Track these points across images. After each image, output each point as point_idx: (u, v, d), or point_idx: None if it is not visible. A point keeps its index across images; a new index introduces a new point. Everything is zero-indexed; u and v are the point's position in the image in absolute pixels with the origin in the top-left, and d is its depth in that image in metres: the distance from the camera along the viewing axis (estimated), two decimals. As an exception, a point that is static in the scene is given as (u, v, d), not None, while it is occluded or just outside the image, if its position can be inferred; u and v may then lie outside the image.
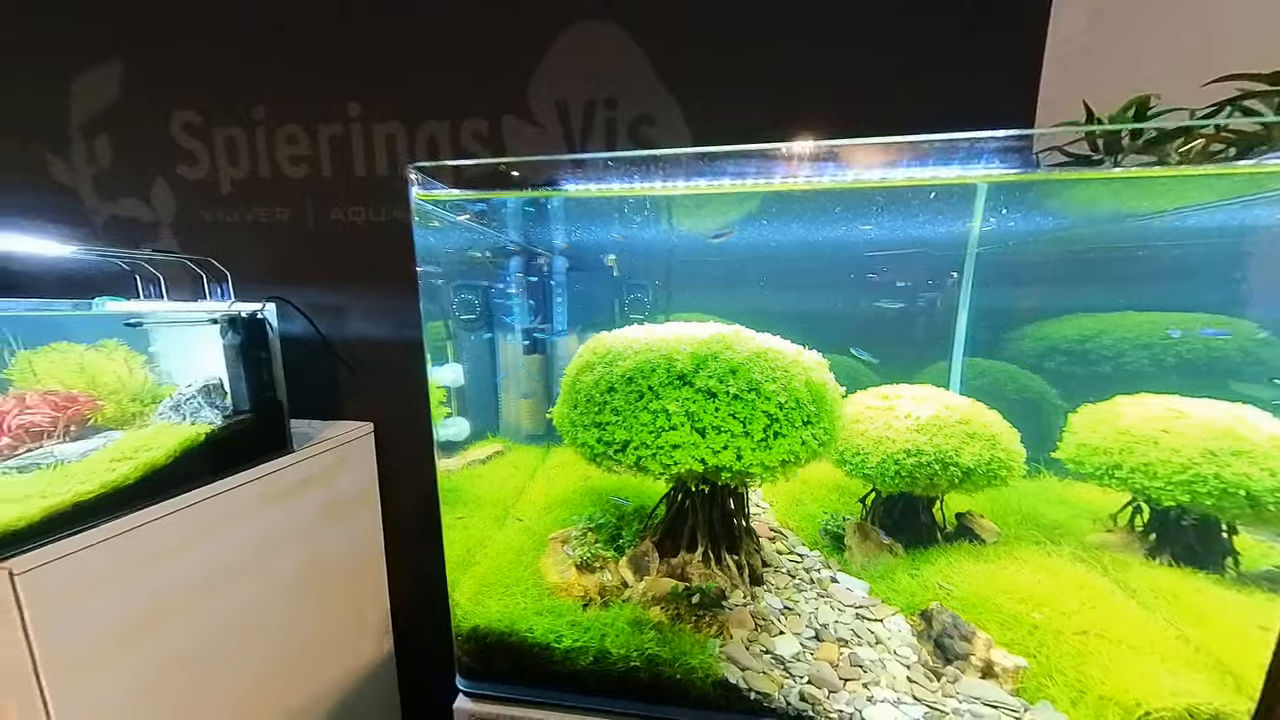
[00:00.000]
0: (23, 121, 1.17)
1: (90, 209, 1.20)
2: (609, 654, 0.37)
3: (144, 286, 1.00)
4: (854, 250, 0.58)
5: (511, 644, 0.38)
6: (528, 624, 0.38)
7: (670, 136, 1.04)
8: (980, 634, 0.38)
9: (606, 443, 0.38)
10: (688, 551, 0.44)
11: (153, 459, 0.74)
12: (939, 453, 0.44)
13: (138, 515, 0.71)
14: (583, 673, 0.37)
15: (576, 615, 0.39)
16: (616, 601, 0.41)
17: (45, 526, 0.62)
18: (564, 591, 0.40)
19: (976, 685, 0.37)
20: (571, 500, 0.51)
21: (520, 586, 0.41)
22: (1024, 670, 0.37)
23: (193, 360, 0.90)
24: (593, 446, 0.39)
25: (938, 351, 0.60)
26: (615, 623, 0.38)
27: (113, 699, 0.65)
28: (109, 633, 0.66)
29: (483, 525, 0.47)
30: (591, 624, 0.38)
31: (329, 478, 1.04)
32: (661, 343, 0.38)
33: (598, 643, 0.37)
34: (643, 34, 1.02)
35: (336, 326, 1.19)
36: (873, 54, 0.88)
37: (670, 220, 0.50)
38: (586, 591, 0.41)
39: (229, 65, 1.14)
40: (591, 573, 0.42)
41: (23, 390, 0.72)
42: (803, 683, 0.37)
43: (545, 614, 0.38)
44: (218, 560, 0.82)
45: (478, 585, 0.41)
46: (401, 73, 1.11)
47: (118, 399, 0.80)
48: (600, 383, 0.39)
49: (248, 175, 1.16)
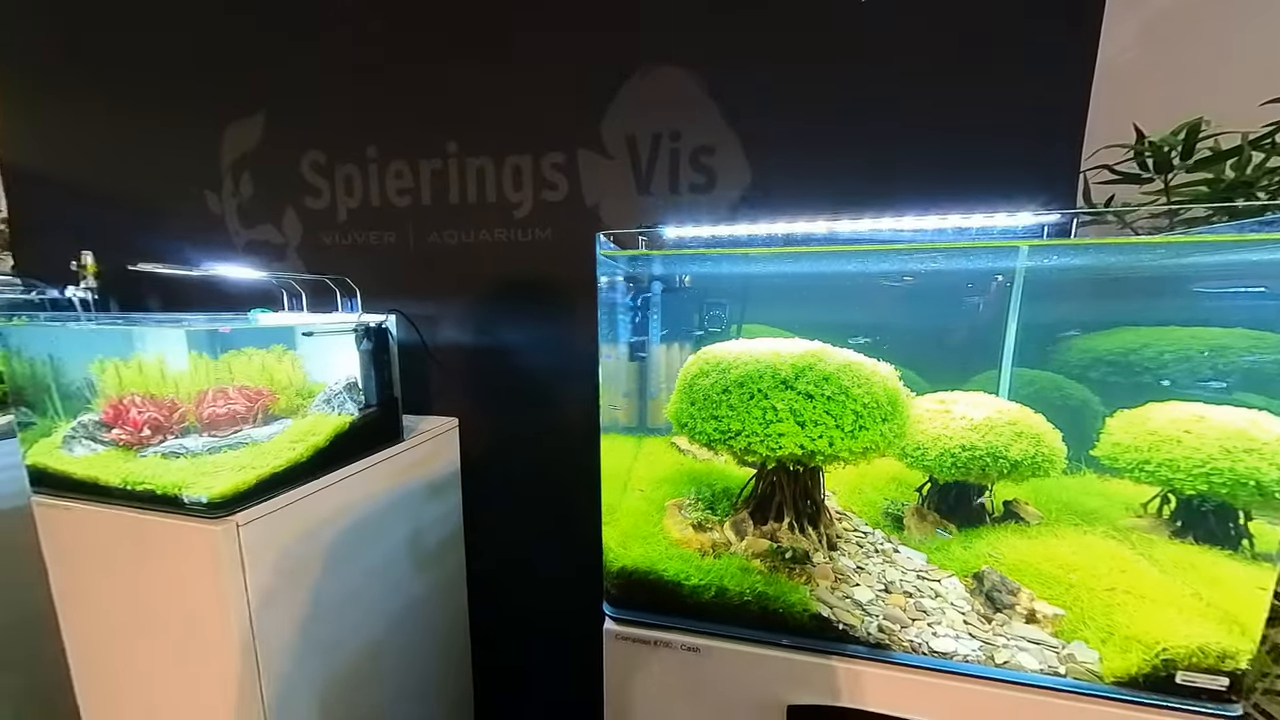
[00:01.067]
0: (187, 164, 1.41)
1: (234, 234, 1.44)
2: (727, 590, 0.49)
3: (288, 300, 1.20)
4: (905, 272, 0.68)
5: (650, 580, 0.51)
6: (663, 565, 0.51)
7: (728, 164, 1.17)
8: (1024, 590, 0.48)
9: (722, 431, 0.50)
10: (776, 521, 0.56)
11: (316, 442, 0.92)
12: (990, 448, 0.54)
13: (309, 486, 0.89)
14: (706, 604, 0.49)
15: (698, 562, 0.51)
16: (725, 554, 0.53)
17: (255, 491, 0.81)
18: (685, 544, 0.53)
19: (1021, 628, 0.47)
20: (672, 478, 0.64)
21: (653, 539, 0.54)
22: (1061, 618, 0.46)
23: (327, 362, 1.09)
24: (710, 434, 0.51)
25: (987, 362, 0.70)
26: (728, 569, 0.50)
27: (287, 628, 0.84)
28: (287, 576, 0.85)
29: (613, 494, 0.61)
30: (710, 568, 0.50)
31: (427, 463, 1.22)
32: (769, 354, 0.50)
33: (718, 581, 0.49)
34: (704, 73, 1.16)
35: (429, 333, 1.38)
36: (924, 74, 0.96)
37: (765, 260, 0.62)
38: (701, 545, 0.53)
39: (350, 114, 1.35)
40: (704, 532, 0.55)
41: (225, 386, 0.91)
42: (879, 619, 0.48)
43: (674, 559, 0.51)
44: (353, 527, 1.00)
45: (621, 536, 0.54)
46: (491, 114, 1.29)
47: (287, 394, 0.99)
48: (716, 385, 0.51)
49: (360, 204, 1.37)
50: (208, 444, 0.79)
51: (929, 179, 0.97)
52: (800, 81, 1.05)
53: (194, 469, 0.77)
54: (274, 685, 0.79)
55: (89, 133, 1.47)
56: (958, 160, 0.96)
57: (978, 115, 0.96)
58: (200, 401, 0.78)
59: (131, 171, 1.46)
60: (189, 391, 0.77)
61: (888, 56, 0.99)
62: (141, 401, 0.79)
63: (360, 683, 0.99)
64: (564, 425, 1.32)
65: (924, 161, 0.98)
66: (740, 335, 0.71)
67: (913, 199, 0.99)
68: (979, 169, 0.95)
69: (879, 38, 0.99)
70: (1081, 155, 0.93)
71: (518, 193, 1.27)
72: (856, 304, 0.69)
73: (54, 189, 1.51)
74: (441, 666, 1.26)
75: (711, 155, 1.16)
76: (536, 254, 1.27)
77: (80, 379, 0.81)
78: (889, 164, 1.01)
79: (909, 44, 0.98)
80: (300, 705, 0.86)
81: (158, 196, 1.45)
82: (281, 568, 0.80)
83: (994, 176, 0.94)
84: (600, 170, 1.22)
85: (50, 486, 0.82)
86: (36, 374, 0.82)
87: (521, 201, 1.27)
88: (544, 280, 1.29)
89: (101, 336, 0.84)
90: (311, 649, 0.86)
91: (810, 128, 1.06)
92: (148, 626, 0.79)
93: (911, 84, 0.98)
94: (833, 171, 1.06)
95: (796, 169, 1.09)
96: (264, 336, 1.00)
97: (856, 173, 1.04)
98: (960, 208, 0.55)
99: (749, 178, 1.15)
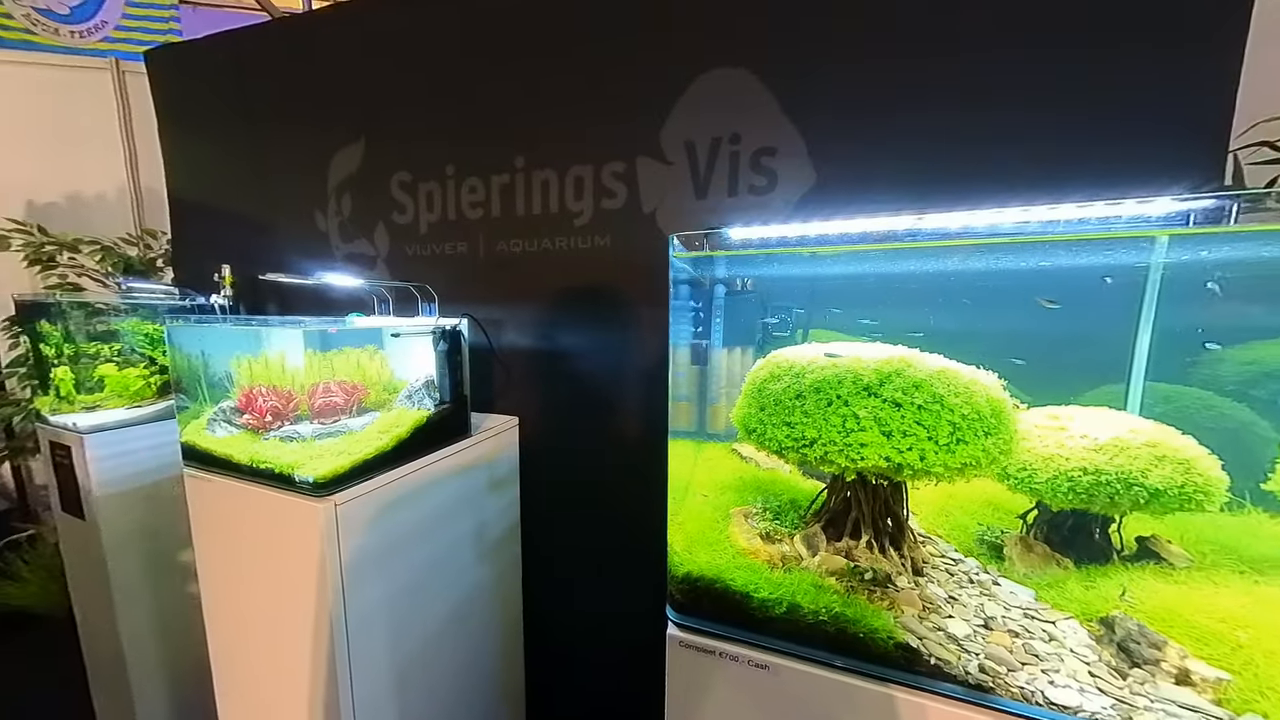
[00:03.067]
0: (301, 189, 1.63)
1: (335, 248, 1.64)
2: (799, 607, 0.46)
3: (378, 305, 1.35)
4: (1005, 269, 0.61)
5: (716, 590, 0.49)
6: (730, 575, 0.49)
7: (791, 164, 1.13)
8: (1171, 644, 0.40)
9: (795, 438, 0.48)
10: (851, 539, 0.52)
11: (399, 433, 1.01)
12: (1122, 473, 0.46)
13: (392, 473, 0.98)
14: (775, 619, 0.47)
15: (767, 574, 0.49)
16: (795, 568, 0.50)
17: (350, 474, 0.89)
18: (752, 554, 0.51)
19: (1170, 690, 0.39)
20: (735, 485, 0.62)
21: (719, 546, 0.53)
22: (1226, 683, 0.38)
23: (407, 361, 1.19)
24: (782, 441, 0.49)
25: (1106, 374, 0.60)
26: (801, 585, 0.47)
27: (370, 602, 0.92)
28: (370, 554, 0.93)
29: (677, 497, 0.60)
30: (781, 582, 0.48)
31: (490, 459, 1.29)
32: (848, 359, 0.47)
33: (790, 597, 0.47)
34: (767, 73, 1.13)
35: (493, 336, 1.47)
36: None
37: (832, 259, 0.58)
38: (770, 557, 0.51)
39: (433, 137, 1.48)
40: (773, 543, 0.52)
41: (327, 381, 1.03)
42: (979, 657, 0.43)
43: (742, 569, 0.49)
44: (425, 515, 1.08)
45: (686, 541, 0.54)
46: (556, 130, 1.36)
47: (376, 389, 1.10)
48: (789, 390, 0.49)
49: (439, 218, 1.49)
50: (315, 431, 0.90)
51: (1031, 167, 0.87)
52: (870, 72, 0.99)
53: (304, 451, 0.87)
54: (358, 650, 0.88)
55: (229, 166, 1.75)
56: (1068, 144, 0.85)
57: (1096, 92, 0.84)
58: (312, 393, 0.89)
59: (260, 196, 1.72)
60: (303, 384, 0.89)
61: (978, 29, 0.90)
62: (266, 391, 0.93)
63: (426, 661, 1.06)
64: (618, 428, 1.34)
65: (1024, 151, 0.88)
66: (807, 340, 0.67)
67: (1006, 190, 0.89)
68: (1094, 155, 0.83)
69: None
70: (1230, 132, 0.78)
71: (578, 202, 1.32)
72: (940, 307, 0.63)
73: (204, 213, 1.82)
74: (495, 654, 1.32)
75: (773, 156, 1.13)
76: (595, 260, 1.32)
77: (222, 371, 0.97)
78: (975, 155, 0.92)
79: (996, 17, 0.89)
80: (380, 671, 0.94)
81: (278, 217, 1.69)
82: (367, 546, 0.89)
83: (1116, 161, 0.82)
84: (658, 176, 1.24)
85: (196, 460, 0.98)
86: (191, 367, 0.99)
87: (582, 210, 1.32)
88: (601, 286, 1.32)
89: (237, 336, 1.00)
90: (387, 624, 0.94)
91: (880, 121, 1.00)
92: (263, 582, 0.92)
93: (1006, 58, 0.89)
94: (906, 167, 0.99)
95: (864, 166, 1.03)
96: (358, 337, 1.12)
97: (936, 168, 0.96)
98: (1076, 195, 0.49)
99: (813, 178, 1.11)
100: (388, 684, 0.95)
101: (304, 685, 0.91)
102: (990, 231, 0.48)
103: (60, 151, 2.18)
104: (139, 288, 1.54)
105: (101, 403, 1.30)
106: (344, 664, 0.86)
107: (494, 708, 1.33)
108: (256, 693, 0.97)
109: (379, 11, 1.47)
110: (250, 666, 0.96)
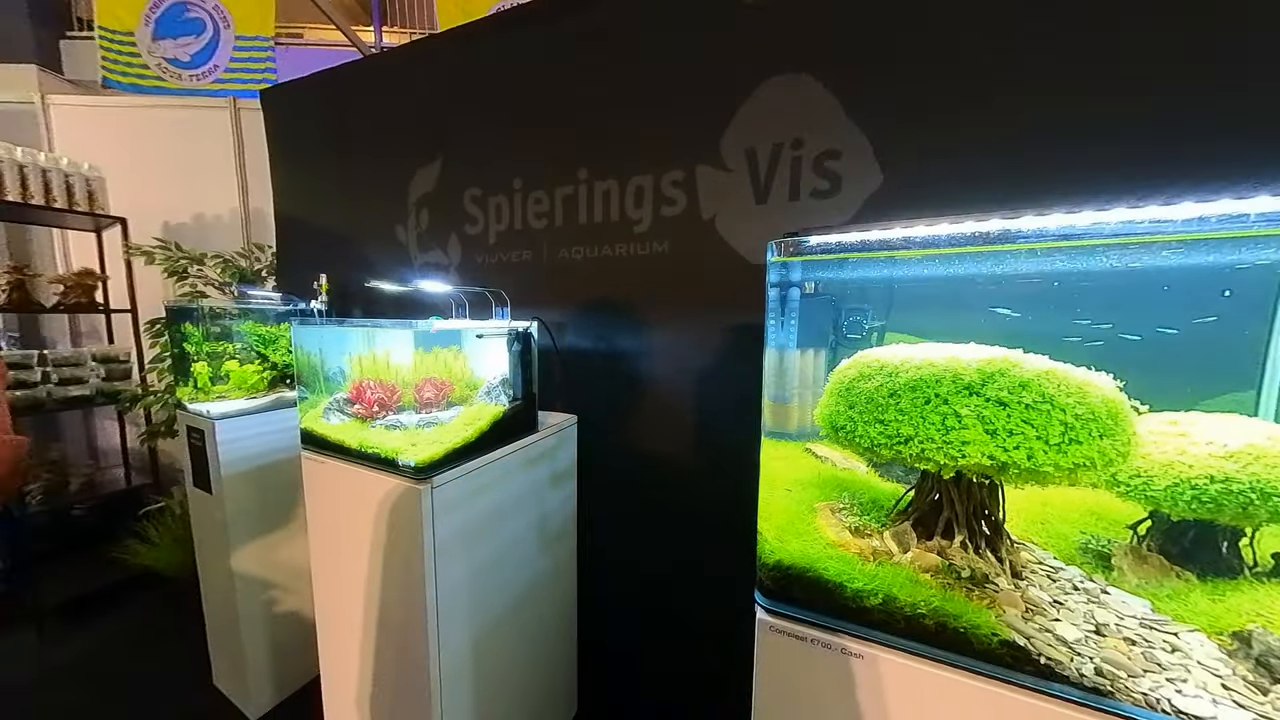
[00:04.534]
0: (386, 205, 1.81)
1: (413, 258, 1.80)
2: (896, 599, 0.47)
3: (455, 309, 1.47)
4: (1119, 267, 0.58)
5: (809, 578, 0.52)
6: (822, 564, 0.51)
7: (857, 166, 1.13)
8: None
9: (889, 436, 0.50)
10: (944, 538, 0.53)
11: (480, 426, 1.10)
12: (1258, 482, 0.44)
13: (474, 462, 1.06)
14: (871, 610, 0.49)
15: (860, 566, 0.51)
16: (888, 564, 0.51)
17: (442, 461, 0.99)
18: (843, 547, 0.53)
19: None
20: (815, 482, 0.64)
21: (808, 537, 0.55)
22: None
23: (483, 360, 1.28)
24: (874, 438, 0.51)
25: (1230, 381, 0.56)
26: (896, 578, 0.49)
27: (455, 581, 1.01)
28: (455, 536, 1.02)
29: (765, 489, 0.63)
30: (875, 574, 0.49)
31: (552, 455, 1.36)
32: (946, 359, 0.48)
33: (885, 589, 0.48)
34: (829, 77, 1.14)
35: (557, 337, 1.55)
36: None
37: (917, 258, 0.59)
38: (861, 551, 0.52)
39: (501, 154, 1.60)
40: (862, 538, 0.54)
41: (423, 378, 1.14)
42: (1094, 660, 0.42)
43: (834, 560, 0.51)
44: (497, 505, 1.16)
45: (776, 531, 0.56)
46: (617, 142, 1.43)
47: (460, 386, 1.21)
48: (882, 389, 0.51)
49: (507, 228, 1.61)
50: (414, 420, 1.01)
51: (1129, 165, 0.83)
52: (936, 69, 0.98)
53: (405, 439, 0.98)
54: (445, 619, 0.97)
55: (326, 186, 1.98)
56: (1174, 133, 0.80)
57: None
58: (419, 388, 1.00)
59: (350, 213, 1.93)
60: (405, 379, 1.00)
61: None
62: (374, 384, 1.05)
63: (496, 640, 1.15)
64: (673, 427, 1.38)
65: (1122, 152, 0.83)
66: (883, 343, 0.68)
67: (1093, 191, 0.85)
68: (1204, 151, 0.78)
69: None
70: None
71: (638, 209, 1.38)
72: (1040, 309, 0.62)
73: (303, 229, 2.06)
74: (551, 639, 1.39)
75: (837, 159, 1.14)
76: (654, 266, 1.37)
77: (335, 367, 1.11)
78: (1061, 153, 0.88)
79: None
80: (461, 643, 1.03)
81: (365, 231, 1.89)
82: (454, 526, 0.98)
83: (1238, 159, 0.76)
84: (717, 183, 1.27)
85: (313, 444, 1.13)
86: (311, 362, 1.14)
87: (641, 218, 1.38)
88: (659, 290, 1.37)
89: (351, 335, 1.14)
90: (468, 599, 1.03)
91: (945, 121, 0.99)
92: (365, 553, 1.03)
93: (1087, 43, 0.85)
94: (983, 168, 0.97)
95: (940, 168, 1.01)
96: (444, 338, 1.24)
97: (1012, 168, 0.93)
98: (1186, 193, 0.47)
99: (879, 179, 1.10)
100: (466, 653, 1.04)
101: (397, 648, 1.01)
102: (1121, 230, 0.46)
103: (188, 180, 2.54)
104: (252, 295, 1.78)
105: (226, 394, 1.51)
106: (433, 631, 0.95)
107: (551, 687, 1.40)
108: (355, 652, 1.09)
109: (457, 45, 1.62)
110: (351, 629, 1.09)
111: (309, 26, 4.23)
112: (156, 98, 2.91)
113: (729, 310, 1.28)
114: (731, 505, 1.32)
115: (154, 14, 3.14)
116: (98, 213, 2.09)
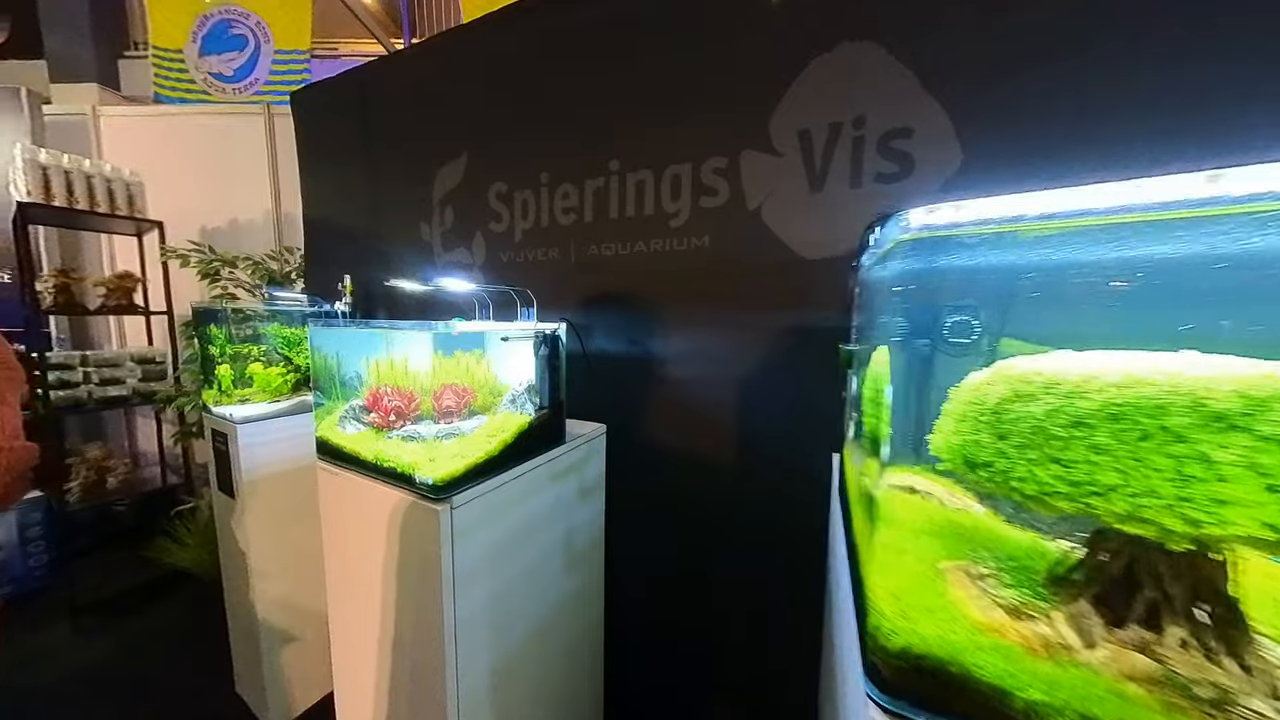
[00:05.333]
0: (409, 204, 1.76)
1: (437, 257, 1.73)
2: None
3: (478, 310, 1.39)
4: None
5: (950, 674, 0.38)
6: (973, 658, 0.38)
7: (931, 145, 0.98)
8: None
9: (1074, 483, 0.35)
10: (1147, 627, 0.38)
11: (505, 438, 0.99)
12: None
13: (498, 479, 0.95)
14: None
15: (1028, 664, 0.37)
16: (1067, 662, 0.37)
17: (464, 478, 0.88)
18: (995, 632, 0.39)
19: None
20: (932, 530, 0.50)
21: (943, 614, 0.41)
22: None
23: (507, 365, 1.18)
24: (1045, 484, 0.37)
25: None
26: (1091, 689, 0.34)
27: (475, 603, 0.90)
28: (478, 557, 0.91)
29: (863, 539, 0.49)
30: (1056, 680, 0.35)
31: (580, 467, 1.24)
32: (1170, 375, 0.34)
33: (1079, 705, 0.34)
34: (899, 45, 0.99)
35: (585, 340, 1.44)
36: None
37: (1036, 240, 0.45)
38: (1026, 640, 0.38)
39: (527, 147, 1.51)
40: (1023, 620, 0.40)
41: (444, 382, 1.06)
42: None
43: (989, 652, 0.38)
44: (522, 523, 1.05)
45: (897, 600, 0.43)
46: (653, 129, 1.31)
47: (482, 393, 1.11)
48: (1057, 414, 0.37)
49: (533, 225, 1.51)
50: (433, 431, 0.92)
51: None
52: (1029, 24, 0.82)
53: (424, 452, 0.89)
54: (461, 655, 0.86)
55: (351, 187, 1.95)
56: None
57: None
58: (437, 396, 0.92)
59: (375, 212, 1.89)
60: (424, 385, 0.91)
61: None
62: (390, 391, 0.97)
63: (519, 667, 1.04)
64: (713, 438, 1.25)
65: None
66: (997, 349, 0.53)
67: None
68: None
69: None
70: None
71: (675, 202, 1.26)
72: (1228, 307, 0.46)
73: (330, 230, 2.04)
74: (578, 666, 1.27)
75: (908, 138, 0.98)
76: (692, 263, 1.25)
77: (351, 371, 1.04)
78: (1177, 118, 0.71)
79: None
80: (480, 676, 0.92)
81: (390, 230, 1.84)
82: (475, 548, 0.88)
83: None
84: (765, 170, 1.14)
85: (328, 454, 1.05)
86: (327, 366, 1.07)
87: (679, 210, 1.26)
88: (698, 289, 1.25)
89: (366, 338, 1.07)
90: (489, 625, 0.92)
91: (1044, 87, 0.82)
92: (380, 572, 0.95)
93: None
94: (1083, 133, 0.80)
95: (1038, 138, 0.85)
96: (465, 341, 1.15)
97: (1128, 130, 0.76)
98: None
99: (959, 159, 0.95)
100: (485, 688, 0.93)
101: (412, 678, 0.92)
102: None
103: (224, 184, 2.60)
104: (280, 296, 1.76)
105: (250, 397, 1.48)
106: (450, 662, 0.85)
107: (577, 715, 1.28)
108: (370, 680, 1.00)
109: (479, 36, 1.55)
110: (365, 655, 1.00)
111: (344, 41, 4.34)
112: (200, 108, 3.01)
113: (777, 310, 1.14)
114: (781, 528, 1.17)
115: (200, 31, 3.26)
116: (136, 216, 2.14)
